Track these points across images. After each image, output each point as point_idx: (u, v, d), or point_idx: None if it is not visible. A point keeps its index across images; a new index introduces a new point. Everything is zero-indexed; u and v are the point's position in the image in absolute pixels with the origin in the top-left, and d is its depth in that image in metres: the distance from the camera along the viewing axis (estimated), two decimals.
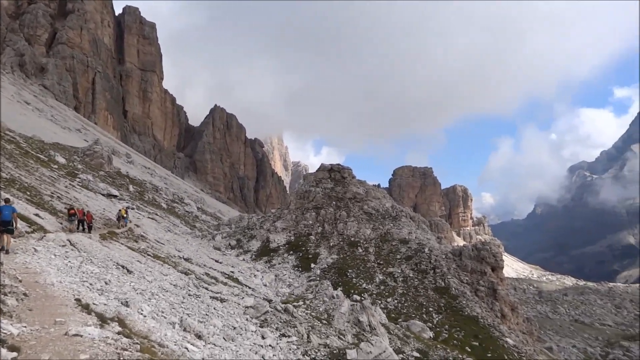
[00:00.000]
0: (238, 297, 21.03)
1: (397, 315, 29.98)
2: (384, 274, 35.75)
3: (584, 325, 69.58)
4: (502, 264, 36.69)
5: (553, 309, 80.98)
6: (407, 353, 21.70)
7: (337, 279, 35.56)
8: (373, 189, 52.50)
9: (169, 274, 20.08)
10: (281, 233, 44.79)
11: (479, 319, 29.26)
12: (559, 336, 58.12)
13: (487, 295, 33.68)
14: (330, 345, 17.67)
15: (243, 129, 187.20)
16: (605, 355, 49.70)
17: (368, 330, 21.87)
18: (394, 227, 43.53)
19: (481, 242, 39.05)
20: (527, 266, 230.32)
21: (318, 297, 24.56)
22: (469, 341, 26.36)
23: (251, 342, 14.55)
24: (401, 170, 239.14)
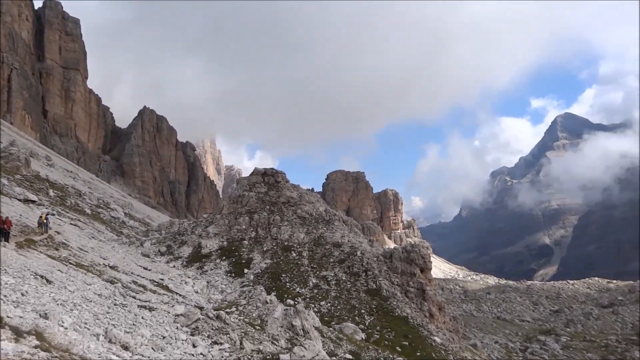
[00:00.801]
0: (168, 305, 20.38)
1: (331, 318, 30.28)
2: (318, 277, 36.01)
3: (505, 322, 73.46)
4: (430, 266, 38.10)
5: (477, 307, 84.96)
6: (340, 355, 21.97)
7: (270, 283, 35.38)
8: (307, 193, 52.81)
9: (93, 283, 19.11)
10: (213, 238, 43.95)
11: (409, 319, 30.19)
12: (482, 333, 61.02)
13: (417, 295, 34.84)
14: (264, 350, 17.56)
15: (174, 132, 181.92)
16: (525, 349, 52.76)
17: (302, 334, 21.93)
18: (327, 231, 44.00)
19: (411, 244, 40.37)
20: (453, 267, 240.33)
21: (251, 302, 24.32)
22: (400, 341, 27.13)
23: (181, 351, 14.15)
24: (334, 175, 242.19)
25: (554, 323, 75.21)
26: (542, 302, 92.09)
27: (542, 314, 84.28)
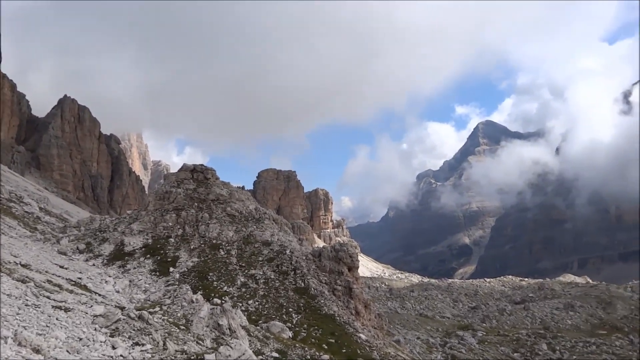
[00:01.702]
0: (86, 305, 19.36)
1: (258, 317, 30.12)
2: (246, 276, 35.68)
3: (427, 319, 76.42)
4: (358, 264, 38.90)
5: (401, 305, 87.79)
6: (267, 354, 21.92)
7: (197, 282, 34.61)
8: (237, 191, 52.13)
9: (2, 282, 17.77)
10: (138, 236, 42.28)
11: (336, 317, 30.66)
12: (406, 329, 63.11)
13: (344, 294, 35.45)
14: (188, 351, 17.16)
15: (97, 124, 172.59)
16: (444, 344, 55.16)
17: (228, 334, 21.65)
18: (257, 229, 43.69)
19: (339, 243, 41.01)
20: (380, 265, 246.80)
21: (176, 302, 23.68)
22: (326, 338, 27.48)
23: (100, 353, 13.51)
24: (266, 173, 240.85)
25: (472, 319, 79.26)
26: (461, 299, 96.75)
27: (461, 310, 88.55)
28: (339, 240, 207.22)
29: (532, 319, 76.93)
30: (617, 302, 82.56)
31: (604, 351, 48.18)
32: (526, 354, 50.64)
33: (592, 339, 57.49)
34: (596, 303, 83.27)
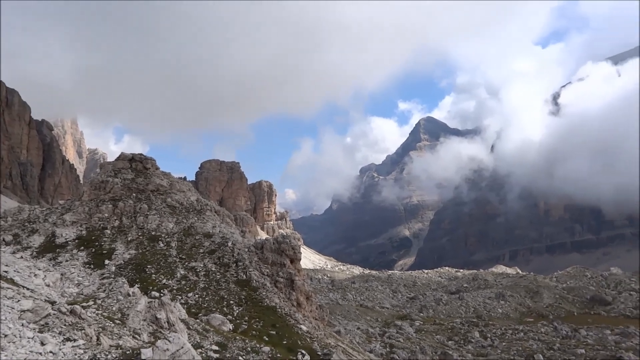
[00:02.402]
0: (12, 300, 18.28)
1: (198, 309, 29.64)
2: (186, 268, 34.97)
3: (367, 309, 78.08)
4: (300, 256, 39.06)
5: (343, 296, 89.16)
6: (206, 347, 21.63)
7: (134, 275, 33.56)
8: (178, 182, 50.86)
9: None
10: (71, 227, 40.37)
11: (277, 309, 30.69)
12: (346, 320, 64.20)
13: (286, 286, 35.51)
14: (124, 346, 16.63)
15: (27, 108, 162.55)
16: (383, 333, 56.61)
17: (166, 327, 21.16)
18: (198, 220, 42.86)
19: (282, 235, 40.97)
20: (322, 257, 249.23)
21: (111, 295, 22.85)
22: (267, 330, 27.47)
23: (27, 350, 12.84)
24: (208, 164, 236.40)
25: (410, 309, 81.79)
26: (400, 290, 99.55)
27: (400, 300, 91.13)
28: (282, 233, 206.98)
29: (466, 308, 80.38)
30: (543, 291, 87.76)
31: (530, 338, 51.10)
32: (460, 341, 52.88)
33: (520, 326, 60.86)
34: (525, 292, 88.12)
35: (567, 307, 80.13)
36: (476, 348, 49.31)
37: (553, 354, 43.15)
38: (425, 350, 44.75)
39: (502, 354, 44.53)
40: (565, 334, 56.03)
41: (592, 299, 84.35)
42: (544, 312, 77.27)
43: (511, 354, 43.70)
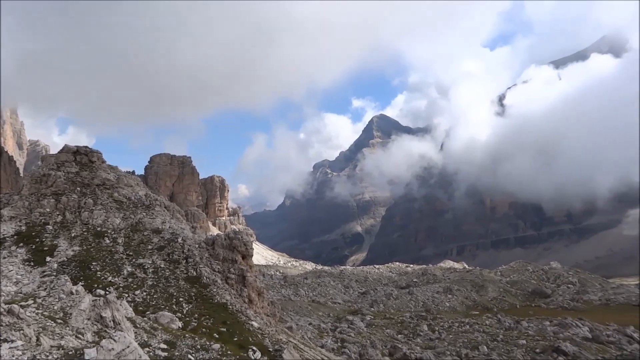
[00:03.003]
0: None
1: (146, 307, 28.84)
2: (133, 265, 33.94)
3: (319, 305, 78.50)
4: (252, 252, 38.73)
5: (295, 292, 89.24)
6: (154, 346, 21.09)
7: (78, 273, 32.24)
8: (126, 176, 49.22)
9: None
10: (9, 222, 38.28)
11: (228, 306, 30.32)
12: (298, 316, 64.32)
13: (237, 282, 35.13)
14: (66, 346, 15.95)
15: None
16: (335, 328, 57.09)
17: (112, 326, 20.47)
18: (146, 216, 41.66)
19: (234, 231, 40.45)
20: (275, 253, 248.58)
21: (53, 294, 21.88)
22: (218, 327, 27.08)
23: None
24: (159, 158, 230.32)
25: (361, 304, 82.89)
26: (352, 285, 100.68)
27: (352, 296, 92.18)
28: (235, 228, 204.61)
29: (415, 303, 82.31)
30: (488, 285, 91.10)
31: (475, 330, 52.92)
32: (409, 335, 54.08)
33: (466, 319, 62.89)
34: (471, 286, 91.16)
35: (511, 300, 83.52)
36: (424, 341, 50.59)
37: (497, 345, 44.87)
38: (375, 344, 45.48)
39: (448, 346, 45.88)
40: (508, 325, 58.36)
41: (533, 292, 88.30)
42: (489, 305, 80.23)
43: (457, 346, 45.10)
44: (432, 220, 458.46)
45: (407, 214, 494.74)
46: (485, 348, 43.60)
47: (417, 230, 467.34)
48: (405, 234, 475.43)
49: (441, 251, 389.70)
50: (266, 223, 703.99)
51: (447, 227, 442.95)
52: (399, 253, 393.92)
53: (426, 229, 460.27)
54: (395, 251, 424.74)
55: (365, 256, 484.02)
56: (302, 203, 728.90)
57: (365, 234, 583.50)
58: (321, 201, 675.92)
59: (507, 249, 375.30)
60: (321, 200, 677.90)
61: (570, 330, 51.14)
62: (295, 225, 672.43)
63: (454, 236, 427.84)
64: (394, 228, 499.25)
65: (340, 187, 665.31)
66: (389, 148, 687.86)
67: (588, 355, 39.63)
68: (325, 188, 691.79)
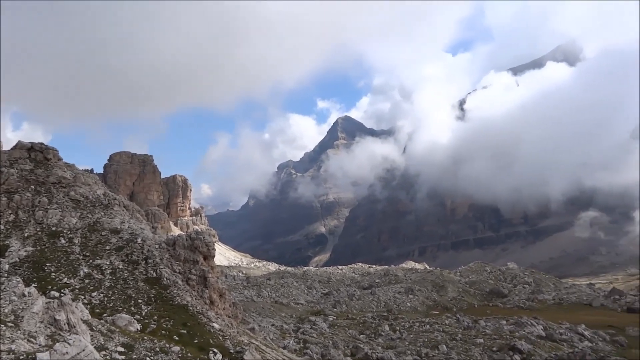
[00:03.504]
0: None
1: (103, 310, 28.06)
2: (90, 266, 32.94)
3: (282, 305, 78.27)
4: (214, 253, 38.24)
5: (258, 293, 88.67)
6: (111, 349, 20.52)
7: (31, 274, 31.06)
8: (83, 174, 47.72)
9: None
10: None
11: (189, 307, 29.83)
12: (261, 317, 63.94)
13: (198, 283, 34.61)
14: (17, 350, 15.33)
15: None
16: (297, 329, 57.04)
17: (66, 330, 19.78)
18: (105, 216, 40.51)
19: (196, 231, 39.85)
20: (238, 254, 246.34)
21: (4, 296, 20.96)
22: (178, 329, 26.61)
23: None
24: (118, 156, 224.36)
25: (324, 304, 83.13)
26: (315, 286, 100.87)
27: (315, 296, 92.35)
28: (197, 229, 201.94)
29: (377, 303, 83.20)
30: (448, 285, 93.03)
31: (435, 329, 53.91)
32: (371, 335, 54.60)
33: (426, 318, 64.02)
34: (431, 287, 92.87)
35: (469, 300, 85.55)
36: (386, 340, 51.19)
37: (456, 344, 45.84)
38: (337, 344, 45.71)
39: (409, 345, 46.57)
40: (466, 325, 59.73)
41: (490, 292, 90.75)
42: (449, 305, 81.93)
43: (418, 345, 45.84)
44: (395, 222, 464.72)
45: (370, 215, 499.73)
46: (444, 347, 44.49)
47: (380, 231, 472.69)
48: (368, 235, 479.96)
49: (403, 252, 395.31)
50: (229, 223, 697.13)
51: (409, 228, 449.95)
52: (362, 254, 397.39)
53: (389, 230, 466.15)
54: (358, 252, 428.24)
55: (329, 257, 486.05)
56: (266, 203, 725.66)
57: (328, 234, 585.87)
58: (285, 202, 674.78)
59: (466, 249, 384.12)
60: (285, 200, 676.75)
61: (526, 329, 52.78)
62: (259, 225, 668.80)
63: (416, 237, 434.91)
64: (357, 229, 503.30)
65: (304, 188, 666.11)
66: (352, 150, 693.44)
67: (542, 353, 41.00)
68: (289, 188, 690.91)
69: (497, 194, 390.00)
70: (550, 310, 71.70)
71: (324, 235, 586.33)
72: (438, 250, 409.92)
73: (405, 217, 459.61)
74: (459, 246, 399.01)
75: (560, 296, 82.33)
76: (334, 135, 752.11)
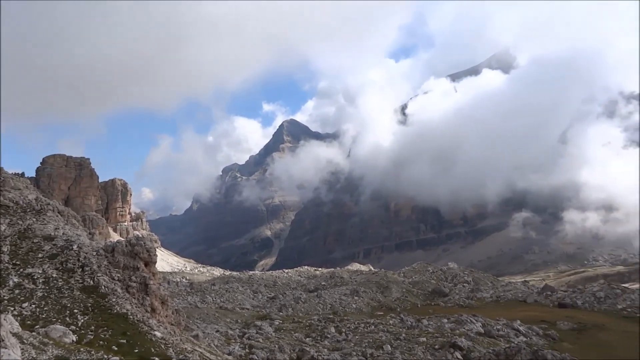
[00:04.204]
0: None
1: (35, 321, 26.47)
2: (21, 275, 31.02)
3: (227, 311, 77.02)
4: (156, 259, 37.05)
5: (202, 299, 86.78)
6: None
7: None
8: (13, 178, 45.03)
9: None
10: None
11: (129, 316, 28.71)
12: (205, 323, 62.59)
13: (139, 290, 33.39)
14: None
15: None
16: (243, 334, 56.27)
17: None
18: (37, 222, 38.30)
19: (136, 237, 38.48)
20: (181, 260, 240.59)
21: None
22: (117, 339, 25.54)
23: None
24: (52, 159, 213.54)
25: (270, 309, 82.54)
26: (261, 290, 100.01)
27: (260, 301, 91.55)
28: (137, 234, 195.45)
29: (323, 305, 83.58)
30: (392, 286, 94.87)
31: (380, 330, 54.79)
32: (317, 337, 54.75)
33: (371, 319, 64.96)
34: (376, 288, 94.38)
35: (412, 300, 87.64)
36: (332, 343, 51.49)
37: (399, 343, 46.79)
38: (283, 348, 45.49)
39: (355, 346, 47.07)
40: (410, 324, 61.13)
41: (433, 292, 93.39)
42: (393, 305, 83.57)
43: (363, 346, 46.41)
44: (340, 224, 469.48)
45: (316, 218, 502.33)
46: (389, 347, 45.29)
47: (326, 234, 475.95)
48: (314, 237, 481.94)
49: (349, 254, 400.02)
50: (172, 228, 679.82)
51: (354, 230, 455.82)
52: (308, 257, 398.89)
53: (334, 233, 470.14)
54: (304, 255, 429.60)
55: (275, 260, 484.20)
56: (210, 207, 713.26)
57: (274, 238, 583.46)
58: (230, 205, 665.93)
59: (409, 250, 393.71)
60: (230, 204, 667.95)
61: (466, 326, 54.67)
62: (203, 230, 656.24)
63: (361, 239, 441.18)
64: (303, 232, 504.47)
65: (249, 191, 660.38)
66: (297, 153, 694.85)
67: (480, 349, 42.56)
68: (234, 192, 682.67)
69: (437, 196, 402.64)
70: (488, 307, 74.61)
71: (270, 239, 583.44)
72: (382, 252, 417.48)
73: (350, 219, 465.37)
74: (402, 247, 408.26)
75: (498, 294, 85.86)
76: (280, 138, 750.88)
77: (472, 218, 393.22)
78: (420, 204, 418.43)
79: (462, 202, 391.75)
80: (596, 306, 66.32)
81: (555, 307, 69.78)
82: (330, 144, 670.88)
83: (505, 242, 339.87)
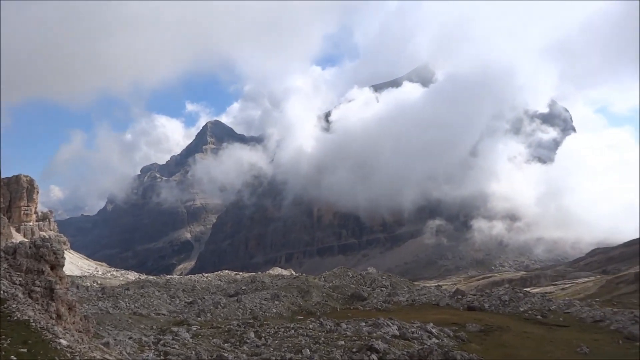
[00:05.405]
0: None
1: None
2: None
3: (141, 317, 73.56)
4: (63, 262, 34.58)
5: (114, 304, 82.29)
6: None
7: None
8: None
9: None
10: None
11: (31, 323, 26.53)
12: (117, 330, 59.35)
13: (43, 296, 31.00)
14: None
15: None
16: (158, 341, 53.97)
17: None
18: None
19: (42, 238, 35.79)
20: (93, 263, 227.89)
21: None
22: (17, 349, 23.48)
23: None
24: None
25: (187, 314, 79.99)
26: (178, 295, 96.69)
27: (178, 306, 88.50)
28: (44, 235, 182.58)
29: (243, 310, 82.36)
30: (313, 290, 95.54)
31: (300, 334, 54.82)
32: (236, 343, 53.74)
33: (291, 324, 64.88)
34: (297, 292, 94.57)
35: (332, 304, 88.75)
36: (251, 348, 50.78)
37: (319, 347, 47.07)
38: (200, 354, 44.20)
39: (274, 351, 46.74)
40: (329, 328, 61.72)
41: (352, 296, 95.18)
42: (313, 310, 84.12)
43: (282, 351, 46.19)
44: (262, 228, 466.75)
45: (238, 222, 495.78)
46: (308, 351, 45.42)
47: (247, 238, 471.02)
48: (235, 241, 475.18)
49: (270, 258, 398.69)
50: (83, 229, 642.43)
51: (276, 235, 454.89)
52: (229, 261, 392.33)
53: (256, 237, 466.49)
54: (225, 259, 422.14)
55: (194, 264, 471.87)
56: (126, 208, 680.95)
57: (194, 241, 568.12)
58: (147, 206, 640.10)
59: (331, 256, 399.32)
60: (147, 205, 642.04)
61: (382, 329, 56.10)
62: (117, 232, 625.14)
63: (283, 244, 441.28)
64: (224, 235, 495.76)
65: (168, 193, 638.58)
66: (220, 155, 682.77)
67: (395, 351, 43.84)
68: (152, 193, 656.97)
69: (357, 202, 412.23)
70: (403, 310, 77.15)
71: (190, 242, 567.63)
72: (304, 257, 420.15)
73: (272, 224, 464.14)
74: (324, 252, 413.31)
75: (413, 297, 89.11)
76: (203, 139, 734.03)
77: (391, 225, 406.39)
78: (342, 210, 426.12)
79: (380, 209, 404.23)
80: (501, 309, 70.83)
81: (465, 310, 73.45)
82: (254, 148, 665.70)
83: (421, 248, 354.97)
